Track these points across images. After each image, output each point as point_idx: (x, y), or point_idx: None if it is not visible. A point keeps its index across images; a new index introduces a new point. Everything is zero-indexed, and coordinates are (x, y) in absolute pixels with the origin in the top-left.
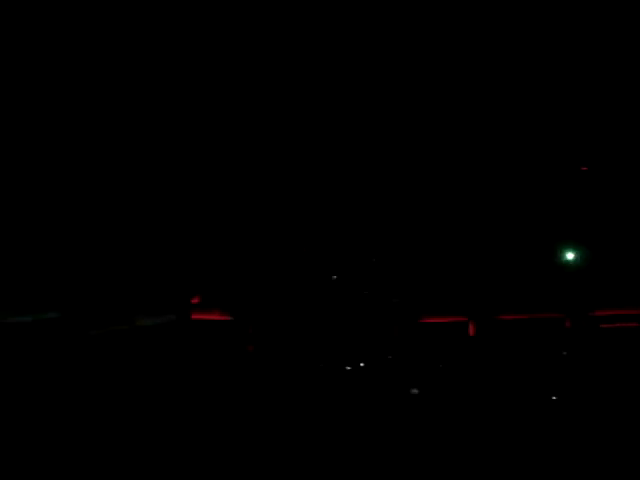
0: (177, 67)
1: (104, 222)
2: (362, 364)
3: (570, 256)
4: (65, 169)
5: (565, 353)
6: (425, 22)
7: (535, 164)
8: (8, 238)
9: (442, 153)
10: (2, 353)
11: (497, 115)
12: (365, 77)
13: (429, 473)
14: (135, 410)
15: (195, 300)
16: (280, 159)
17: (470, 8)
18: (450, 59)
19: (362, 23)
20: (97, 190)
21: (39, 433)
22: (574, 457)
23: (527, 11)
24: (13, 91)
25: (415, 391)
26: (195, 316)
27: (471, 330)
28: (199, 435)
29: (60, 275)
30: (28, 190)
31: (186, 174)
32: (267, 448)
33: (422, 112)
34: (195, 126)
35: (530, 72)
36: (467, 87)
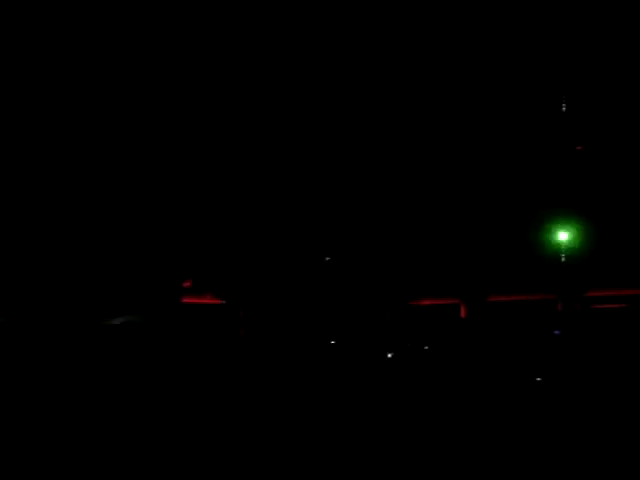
0: (177, 67)
1: (97, 209)
2: (354, 347)
3: (562, 237)
4: (60, 159)
5: (557, 333)
6: (422, 22)
7: (528, 144)
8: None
9: (434, 135)
10: None
11: (489, 93)
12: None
13: (421, 455)
14: (129, 395)
15: (187, 284)
16: (271, 146)
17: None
18: (442, 40)
19: (362, 24)
20: (92, 179)
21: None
22: (566, 438)
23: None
24: (13, 91)
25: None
26: (187, 300)
27: (463, 312)
28: (192, 419)
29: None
30: (26, 189)
31: (178, 161)
32: (259, 433)
33: (409, 91)
34: (188, 118)
35: (525, 56)
36: (458, 65)
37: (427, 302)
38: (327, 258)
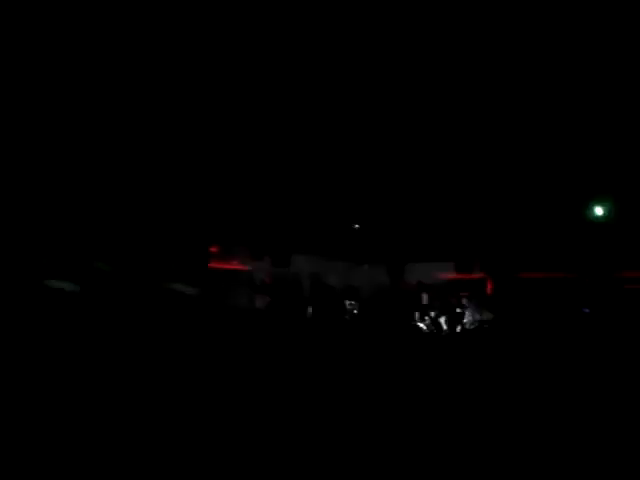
0: (177, 67)
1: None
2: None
3: (596, 213)
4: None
5: (586, 312)
6: (425, 22)
7: (561, 121)
8: None
9: (463, 125)
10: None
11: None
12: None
13: (442, 454)
14: (147, 363)
15: (214, 249)
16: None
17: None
18: (456, 61)
19: (361, 24)
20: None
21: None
22: (592, 431)
23: (530, 11)
24: (13, 91)
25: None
26: (213, 264)
27: (489, 287)
28: (207, 399)
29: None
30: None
31: (207, 136)
32: (273, 428)
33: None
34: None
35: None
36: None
37: (453, 276)
38: (356, 225)
